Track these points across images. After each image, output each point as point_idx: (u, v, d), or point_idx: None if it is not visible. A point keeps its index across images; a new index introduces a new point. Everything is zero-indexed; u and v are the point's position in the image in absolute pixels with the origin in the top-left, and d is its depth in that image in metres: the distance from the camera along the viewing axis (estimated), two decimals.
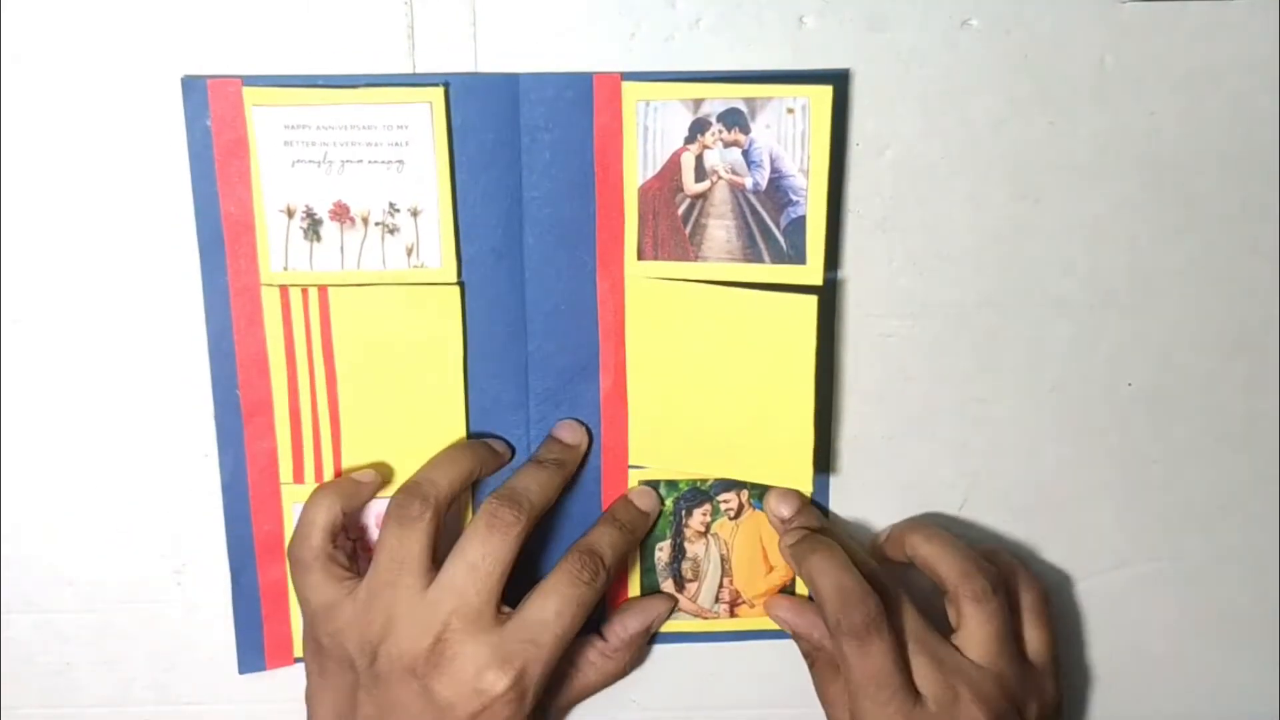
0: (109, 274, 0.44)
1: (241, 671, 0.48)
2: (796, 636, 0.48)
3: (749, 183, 0.44)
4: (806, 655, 0.47)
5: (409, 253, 0.44)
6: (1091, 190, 0.45)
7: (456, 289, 0.45)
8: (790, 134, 0.43)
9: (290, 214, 0.43)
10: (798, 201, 0.43)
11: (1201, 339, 0.47)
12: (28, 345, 0.45)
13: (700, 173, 0.44)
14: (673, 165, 0.44)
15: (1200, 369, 0.48)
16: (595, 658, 0.47)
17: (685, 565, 0.49)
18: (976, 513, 0.49)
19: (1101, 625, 0.51)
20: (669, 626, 0.49)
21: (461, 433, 0.46)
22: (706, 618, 0.49)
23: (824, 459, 0.48)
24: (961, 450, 0.48)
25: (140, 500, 0.47)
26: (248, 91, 0.42)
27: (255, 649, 0.48)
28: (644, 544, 0.48)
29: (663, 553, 0.49)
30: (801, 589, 0.49)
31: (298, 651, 0.48)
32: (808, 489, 0.46)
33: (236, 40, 0.42)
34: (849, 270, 0.46)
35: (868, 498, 0.49)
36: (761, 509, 0.48)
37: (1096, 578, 0.50)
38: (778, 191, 0.44)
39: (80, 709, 0.49)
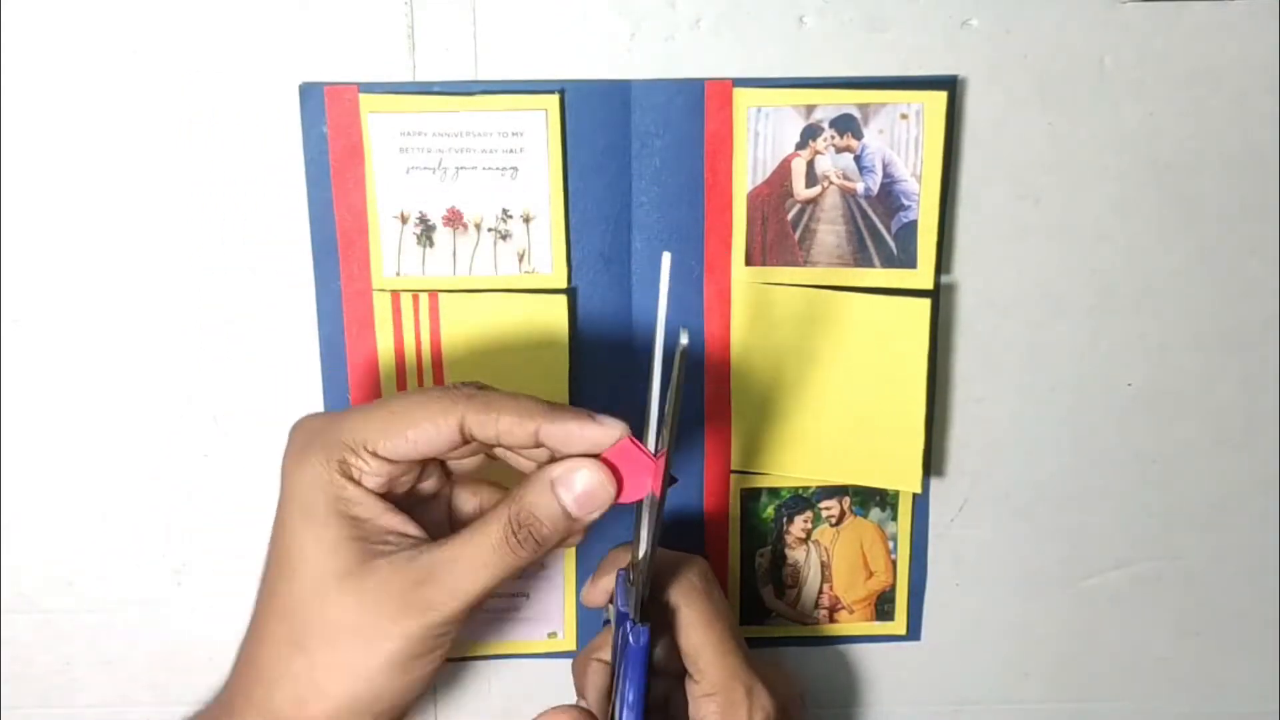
0: (126, 272, 0.45)
1: None
2: None
3: (860, 188, 0.44)
4: None
5: (520, 258, 0.45)
6: (1091, 190, 0.45)
7: (564, 296, 0.45)
8: (903, 139, 0.43)
9: (404, 220, 0.44)
10: (909, 206, 0.44)
11: (1201, 339, 0.47)
12: (28, 345, 0.45)
13: (811, 178, 0.44)
14: (783, 171, 0.44)
15: (1200, 369, 0.48)
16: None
17: (785, 571, 0.49)
18: (976, 513, 0.49)
19: (1101, 625, 0.51)
20: (771, 631, 0.50)
21: None
22: (806, 623, 0.49)
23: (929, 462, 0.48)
24: (961, 450, 0.48)
25: (140, 500, 0.47)
26: (364, 99, 0.43)
27: None
28: (744, 551, 0.48)
29: (763, 559, 0.49)
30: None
31: None
32: (918, 490, 0.47)
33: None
34: (956, 274, 0.46)
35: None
36: (862, 515, 0.48)
37: (1096, 578, 0.50)
38: (889, 196, 0.44)
39: (80, 709, 0.49)
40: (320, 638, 0.36)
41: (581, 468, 0.37)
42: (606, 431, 0.36)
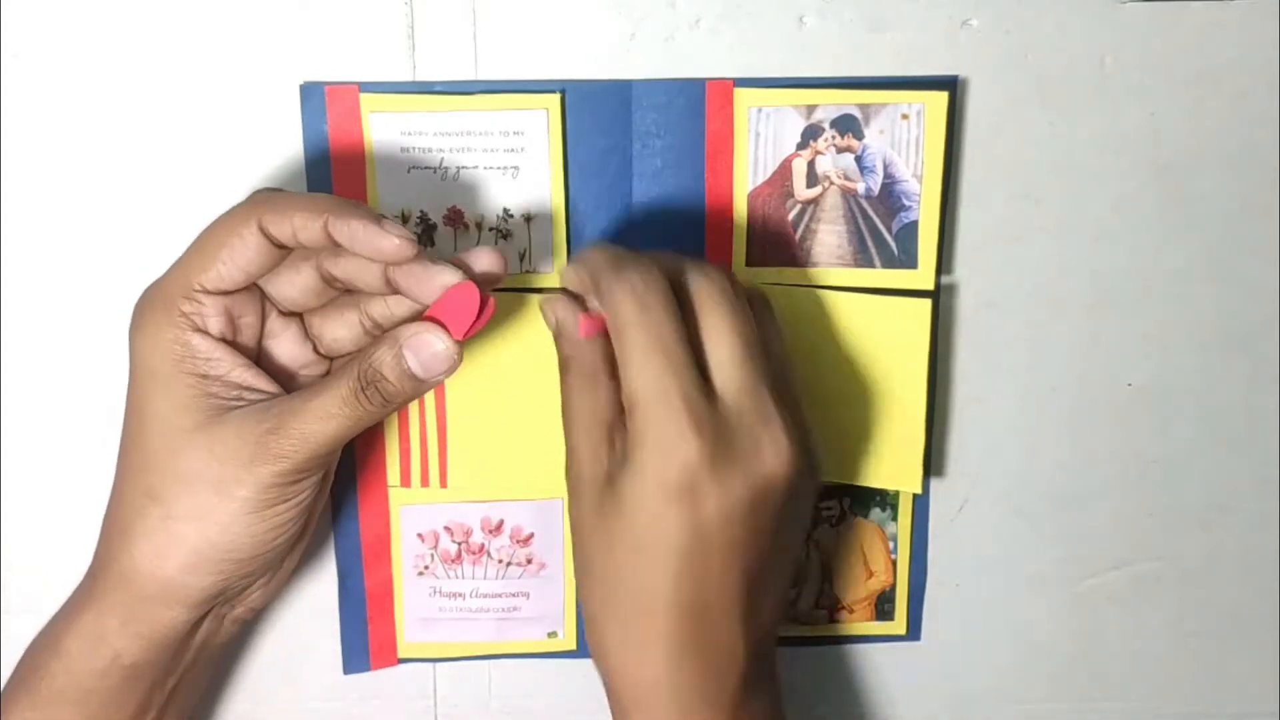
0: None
1: (346, 672, 0.48)
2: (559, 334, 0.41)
3: (861, 188, 0.44)
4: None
5: (521, 258, 0.45)
6: (1091, 190, 0.45)
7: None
8: (904, 139, 0.43)
9: (404, 219, 0.44)
10: (910, 206, 0.44)
11: (1201, 339, 0.47)
12: (28, 345, 0.45)
13: (812, 178, 0.44)
14: (784, 171, 0.44)
15: (1200, 369, 0.48)
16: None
17: None
18: (976, 513, 0.49)
19: (1101, 625, 0.51)
20: None
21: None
22: (806, 623, 0.49)
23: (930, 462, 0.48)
24: (961, 450, 0.48)
25: None
26: (365, 98, 0.43)
27: (360, 651, 0.48)
28: None
29: None
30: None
31: (402, 653, 0.49)
32: (918, 490, 0.47)
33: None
34: (957, 274, 0.46)
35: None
36: (862, 515, 0.48)
37: (1096, 578, 0.50)
38: (890, 197, 0.44)
39: None
40: (175, 487, 0.38)
41: (428, 333, 0.37)
42: (391, 242, 0.37)
